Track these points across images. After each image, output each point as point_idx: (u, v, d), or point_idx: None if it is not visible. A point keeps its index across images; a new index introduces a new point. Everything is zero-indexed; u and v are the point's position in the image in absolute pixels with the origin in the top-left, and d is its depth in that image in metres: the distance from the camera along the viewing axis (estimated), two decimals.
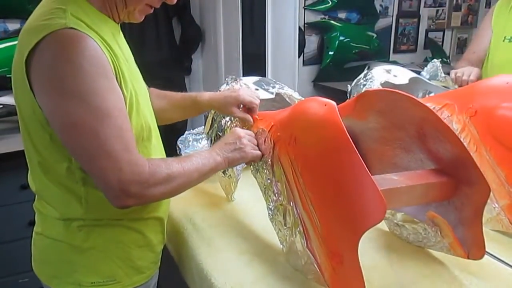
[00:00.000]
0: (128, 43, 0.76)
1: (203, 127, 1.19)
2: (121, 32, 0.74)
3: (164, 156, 0.81)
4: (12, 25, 1.80)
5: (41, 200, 0.74)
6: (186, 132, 1.20)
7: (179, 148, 1.16)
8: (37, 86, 0.61)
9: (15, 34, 1.76)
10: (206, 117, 1.05)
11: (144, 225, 0.76)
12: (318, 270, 0.64)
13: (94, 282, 0.72)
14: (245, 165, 1.12)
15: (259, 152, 0.77)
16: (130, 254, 0.74)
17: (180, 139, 1.18)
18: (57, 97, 0.60)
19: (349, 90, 1.18)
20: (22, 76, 0.62)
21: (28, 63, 0.61)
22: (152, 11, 0.73)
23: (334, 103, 0.63)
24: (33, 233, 0.78)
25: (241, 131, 0.79)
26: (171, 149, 1.06)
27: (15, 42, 0.70)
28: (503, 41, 1.15)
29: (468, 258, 0.67)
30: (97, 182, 0.63)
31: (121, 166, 0.61)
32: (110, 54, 0.64)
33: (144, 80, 0.80)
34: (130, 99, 0.67)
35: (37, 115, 0.64)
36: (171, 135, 1.14)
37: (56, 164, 0.67)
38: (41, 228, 0.75)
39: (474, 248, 0.66)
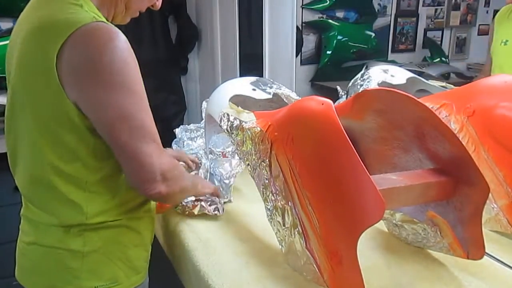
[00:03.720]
0: None
1: (199, 124, 1.18)
2: None
3: None
4: (5, 24, 1.78)
5: (32, 206, 0.71)
6: (181, 126, 1.19)
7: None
8: (73, 80, 0.60)
9: (7, 33, 1.73)
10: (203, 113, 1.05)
11: (140, 223, 0.76)
12: (317, 270, 0.63)
13: (97, 286, 0.71)
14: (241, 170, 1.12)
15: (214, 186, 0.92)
16: (129, 254, 0.74)
17: (174, 140, 1.17)
18: (104, 89, 0.60)
19: (340, 91, 1.19)
20: (49, 72, 0.60)
21: (58, 58, 0.59)
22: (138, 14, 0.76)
23: (331, 101, 0.62)
24: (20, 243, 0.75)
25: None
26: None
27: (8, 42, 0.68)
28: (500, 44, 1.18)
29: (468, 258, 0.67)
30: (135, 172, 0.64)
31: (161, 151, 0.65)
32: None
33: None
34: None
35: (66, 111, 0.62)
36: (167, 134, 1.13)
37: (68, 165, 0.66)
38: (34, 237, 0.72)
39: (473, 248, 0.66)
